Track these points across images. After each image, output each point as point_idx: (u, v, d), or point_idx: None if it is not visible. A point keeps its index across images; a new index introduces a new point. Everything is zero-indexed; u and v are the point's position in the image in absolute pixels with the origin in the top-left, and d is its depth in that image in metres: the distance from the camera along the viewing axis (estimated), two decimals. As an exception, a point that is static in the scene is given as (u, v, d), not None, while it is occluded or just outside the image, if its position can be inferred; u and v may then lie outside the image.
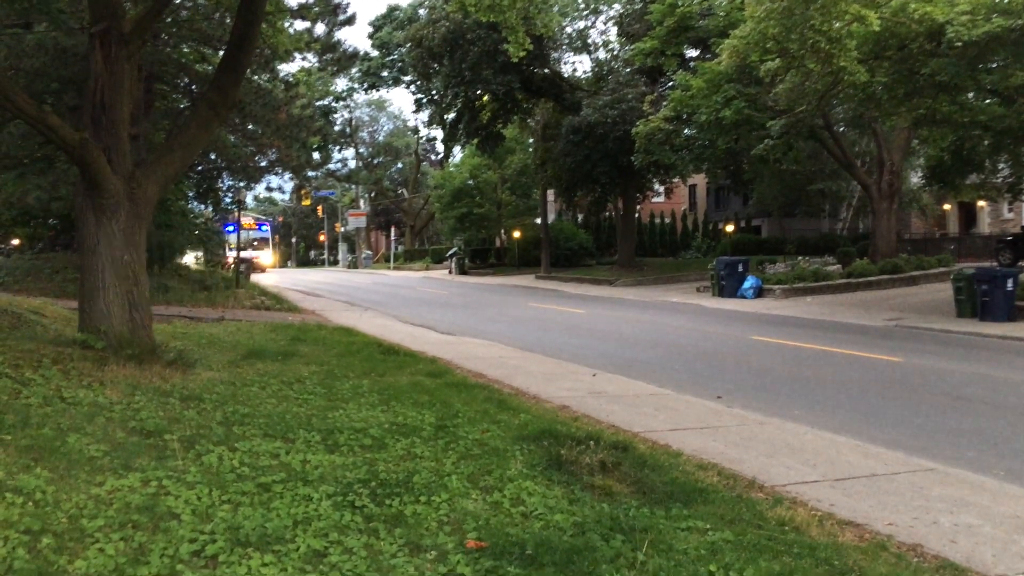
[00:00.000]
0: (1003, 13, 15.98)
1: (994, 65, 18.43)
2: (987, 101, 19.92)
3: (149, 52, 16.04)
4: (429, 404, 7.35)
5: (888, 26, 16.98)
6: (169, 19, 16.78)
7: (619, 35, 39.38)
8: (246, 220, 70.76)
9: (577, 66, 75.17)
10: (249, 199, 53.45)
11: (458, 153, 57.10)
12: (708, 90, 25.00)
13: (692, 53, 32.31)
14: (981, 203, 43.41)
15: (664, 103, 28.62)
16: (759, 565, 4.06)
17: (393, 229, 66.99)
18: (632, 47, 32.33)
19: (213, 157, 24.33)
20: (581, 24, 42.38)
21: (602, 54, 42.60)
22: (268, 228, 53.66)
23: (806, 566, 4.11)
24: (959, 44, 16.33)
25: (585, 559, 3.99)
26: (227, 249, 35.02)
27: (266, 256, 52.18)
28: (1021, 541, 4.72)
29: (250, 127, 23.14)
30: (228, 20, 17.84)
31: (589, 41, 42.60)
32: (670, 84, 31.92)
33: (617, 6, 40.21)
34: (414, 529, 4.27)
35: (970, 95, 19.75)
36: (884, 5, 16.46)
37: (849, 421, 8.22)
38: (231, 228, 34.04)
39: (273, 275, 43.91)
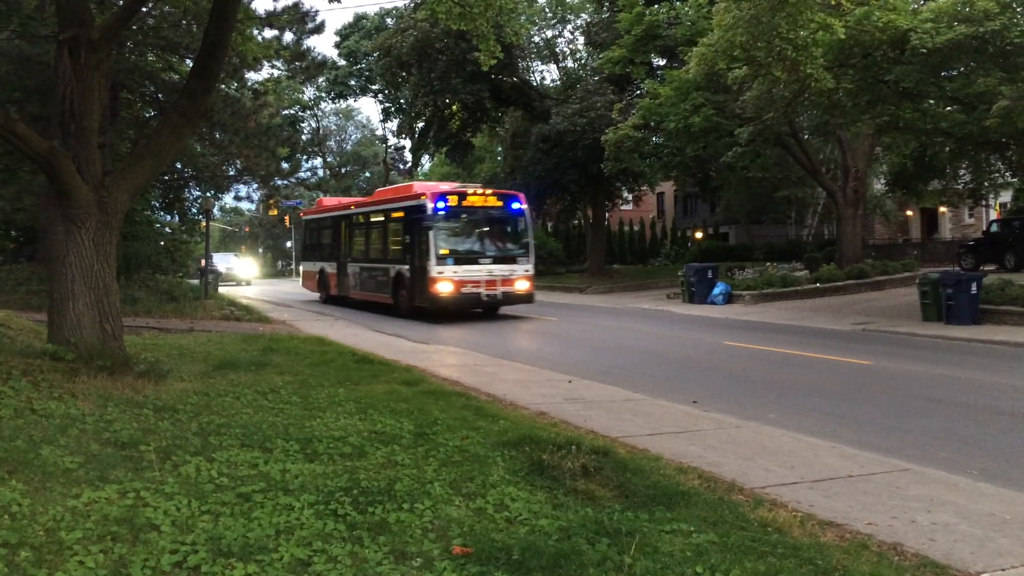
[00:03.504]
0: (965, 21, 16.31)
1: (956, 72, 18.81)
2: (949, 108, 20.31)
3: (115, 60, 15.82)
4: (407, 412, 7.31)
5: (853, 34, 17.25)
6: (135, 27, 16.58)
7: (587, 44, 39.64)
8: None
9: (546, 75, 75.47)
10: (216, 209, 52.70)
11: (427, 162, 57.09)
12: (676, 98, 25.24)
13: (660, 62, 32.60)
14: (943, 209, 44.24)
15: (633, 111, 28.83)
16: (744, 566, 4.08)
17: (362, 238, 66.63)
18: (600, 56, 32.55)
19: (180, 166, 24.03)
20: (549, 33, 42.62)
21: (570, 63, 42.86)
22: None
23: (791, 566, 4.14)
24: (923, 51, 16.65)
25: (572, 563, 3.98)
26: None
27: (246, 267, 49.78)
28: (997, 539, 4.79)
29: (218, 136, 22.90)
30: (196, 28, 17.67)
31: (557, 50, 42.84)
32: (638, 92, 32.20)
33: (584, 15, 40.50)
34: (398, 536, 4.23)
35: (932, 102, 20.12)
36: (849, 13, 16.72)
37: (823, 423, 8.31)
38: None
39: (254, 287, 43.05)
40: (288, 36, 23.49)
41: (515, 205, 20.17)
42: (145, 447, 5.48)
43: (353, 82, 52.62)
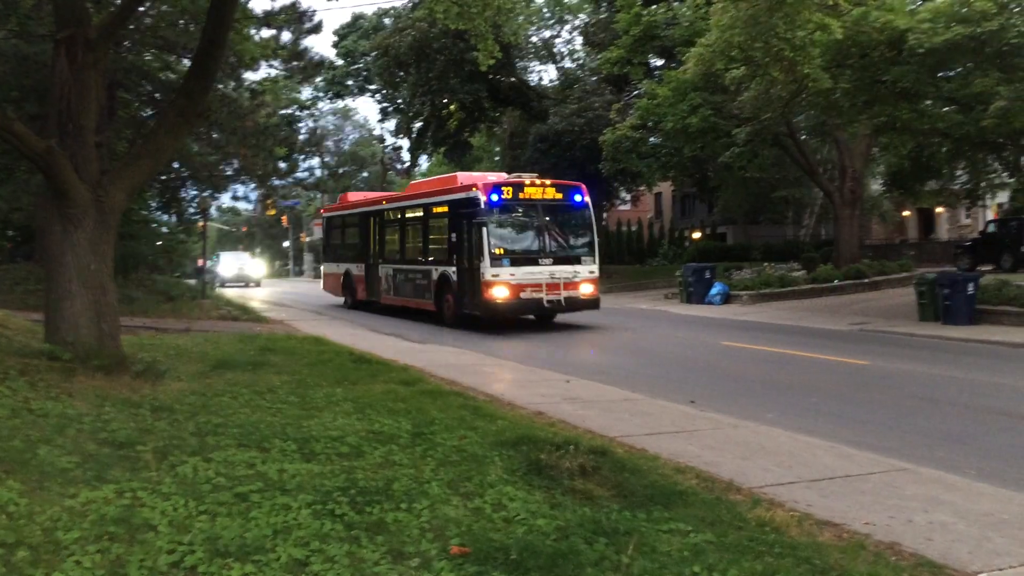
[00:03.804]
0: (962, 22, 16.33)
1: (953, 73, 18.84)
2: (946, 109, 20.34)
3: (112, 59, 15.82)
4: (405, 412, 7.30)
5: (850, 34, 17.28)
6: (133, 26, 16.57)
7: (585, 44, 39.66)
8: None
9: (543, 75, 75.57)
10: (213, 209, 52.49)
11: (425, 162, 57.08)
12: (674, 98, 25.28)
13: (658, 62, 32.63)
14: (939, 209, 44.33)
15: (631, 111, 28.88)
16: (742, 565, 4.09)
17: (359, 238, 66.57)
18: (598, 56, 32.57)
19: (177, 166, 24.02)
20: (547, 33, 42.65)
21: (568, 63, 42.89)
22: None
23: (788, 566, 4.14)
24: (920, 51, 16.67)
25: (570, 563, 3.98)
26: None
27: (255, 267, 46.25)
28: (995, 538, 4.79)
29: (215, 135, 22.90)
30: (193, 27, 17.67)
31: (555, 50, 42.86)
32: (636, 92, 32.23)
33: (583, 15, 40.52)
34: (396, 536, 4.23)
35: (929, 103, 20.15)
36: (847, 13, 16.75)
37: (821, 423, 8.31)
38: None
39: (263, 288, 41.11)
40: (286, 36, 23.53)
41: (577, 197, 17.64)
42: (142, 447, 5.47)
43: (351, 82, 52.53)
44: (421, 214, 19.88)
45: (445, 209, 18.43)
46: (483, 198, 16.53)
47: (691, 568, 4.02)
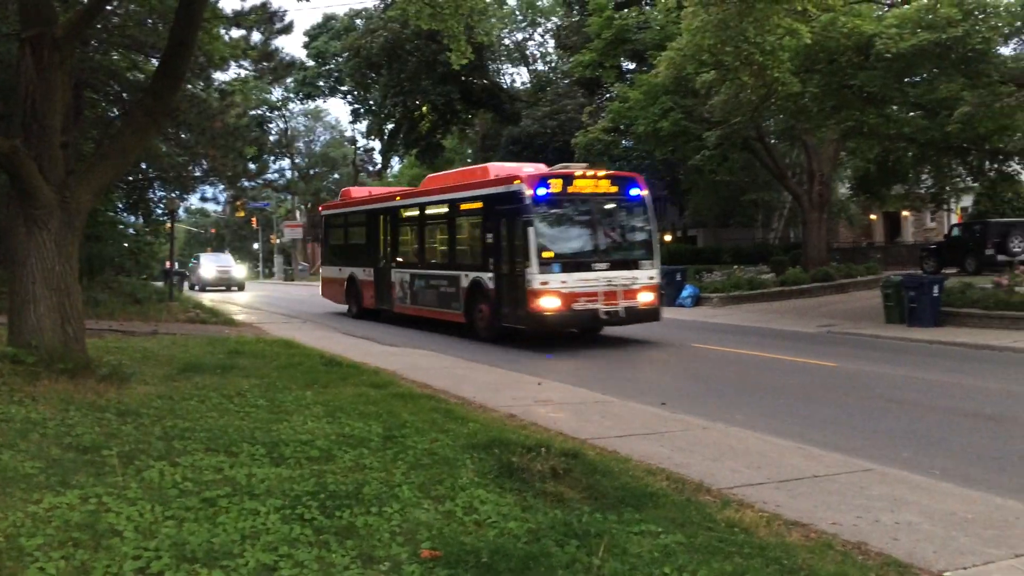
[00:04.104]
0: (928, 28, 16.61)
1: (919, 79, 19.14)
2: (912, 114, 20.66)
3: (78, 59, 15.59)
4: (376, 415, 7.26)
5: (819, 40, 17.50)
6: (100, 25, 16.34)
7: (557, 47, 39.79)
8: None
9: (516, 78, 75.67)
10: (181, 211, 51.74)
11: (397, 164, 56.91)
12: (646, 102, 25.43)
13: (630, 65, 32.82)
14: (905, 213, 44.99)
15: (603, 114, 28.99)
16: (712, 566, 4.11)
17: (331, 240, 66.13)
18: (570, 59, 32.69)
19: (144, 166, 23.71)
20: (520, 36, 42.72)
21: (541, 66, 43.00)
22: None
23: (757, 566, 4.17)
24: (887, 57, 16.92)
25: (541, 565, 3.98)
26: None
27: (239, 269, 42.50)
28: (960, 538, 4.87)
29: (184, 136, 22.64)
30: (161, 27, 17.46)
31: (528, 53, 42.95)
32: (608, 96, 32.39)
33: (555, 19, 40.65)
34: (366, 540, 4.20)
35: (895, 108, 20.45)
36: (815, 19, 16.95)
37: (790, 424, 8.40)
38: None
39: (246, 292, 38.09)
40: (256, 36, 23.31)
41: (634, 190, 15.37)
42: (107, 452, 5.40)
43: (322, 83, 52.29)
44: (446, 211, 17.34)
45: (478, 205, 16.02)
46: (528, 192, 14.17)
47: (661, 569, 4.03)
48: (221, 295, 33.86)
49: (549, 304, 13.97)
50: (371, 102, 44.03)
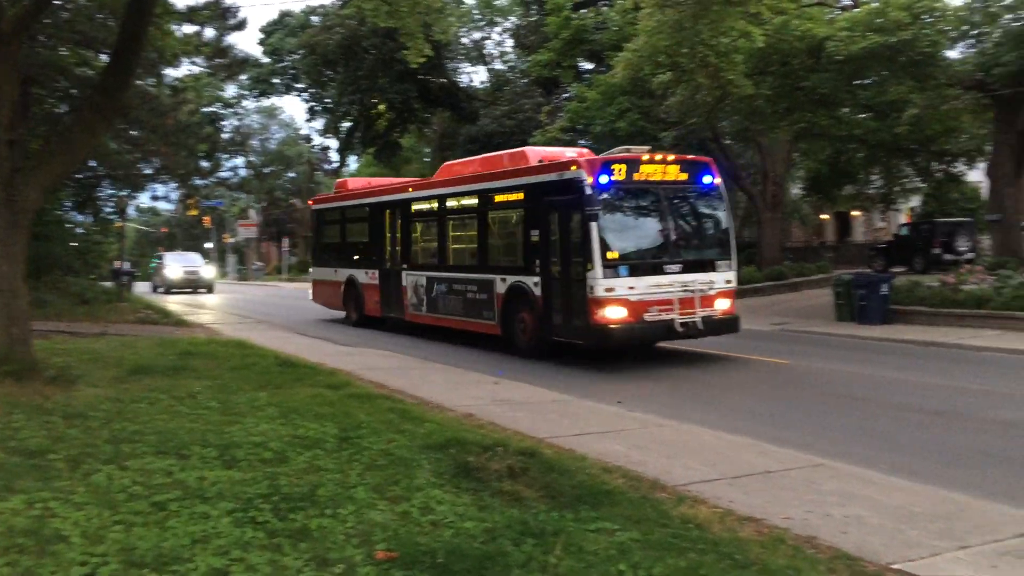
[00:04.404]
0: (878, 31, 16.95)
1: (869, 81, 19.54)
2: (862, 116, 21.08)
3: (26, 54, 15.20)
4: (331, 416, 7.19)
5: (772, 42, 17.77)
6: (48, 20, 15.94)
7: (516, 46, 39.83)
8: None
9: (474, 77, 75.63)
10: (131, 209, 50.65)
11: (354, 162, 56.48)
12: (603, 102, 25.60)
13: (588, 66, 32.99)
14: (856, 213, 45.92)
15: (560, 114, 29.10)
16: (666, 562, 4.14)
17: (286, 240, 65.44)
18: (529, 58, 32.76)
19: (94, 164, 23.22)
20: (477, 35, 42.67)
21: (499, 65, 43.00)
22: None
23: (710, 561, 4.21)
24: (838, 59, 17.24)
25: (497, 564, 3.98)
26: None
27: (207, 269, 38.58)
28: (907, 531, 4.97)
29: (134, 133, 22.21)
30: (111, 22, 17.10)
31: (485, 52, 42.92)
32: (566, 95, 32.53)
33: (513, 18, 40.69)
34: (320, 543, 4.16)
35: (847, 110, 20.85)
36: (769, 22, 17.20)
37: (744, 421, 8.50)
38: None
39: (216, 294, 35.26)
40: (209, 32, 22.98)
41: (707, 178, 13.10)
42: (54, 455, 5.27)
43: (277, 80, 51.67)
44: (474, 204, 14.89)
45: (518, 197, 13.70)
46: (588, 181, 11.82)
47: (617, 566, 4.05)
48: (189, 297, 32.11)
49: (616, 314, 11.74)
50: (327, 100, 43.65)
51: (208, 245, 75.18)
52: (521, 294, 13.37)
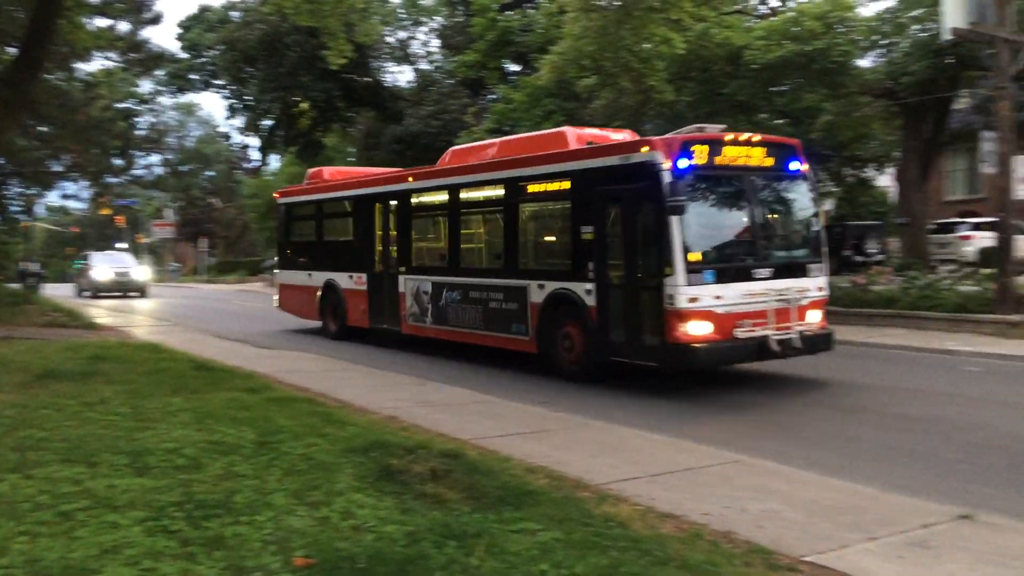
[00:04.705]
0: (794, 39, 17.51)
1: (785, 88, 20.16)
2: (778, 121, 21.71)
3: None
4: (249, 420, 7.02)
5: (693, 49, 18.16)
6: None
7: (443, 47, 39.71)
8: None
9: (399, 76, 75.18)
10: (40, 208, 48.58)
11: (275, 161, 55.43)
12: (529, 104, 25.72)
13: (514, 67, 33.12)
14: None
15: (486, 115, 29.14)
16: (588, 561, 4.17)
17: (204, 240, 63.80)
18: (455, 59, 32.71)
19: (0, 161, 22.22)
20: (403, 35, 42.36)
21: (425, 65, 42.78)
22: None
23: (631, 558, 4.26)
24: (756, 67, 17.74)
25: (419, 568, 3.94)
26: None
27: (140, 270, 34.58)
28: (820, 524, 5.12)
29: (44, 129, 21.34)
30: (20, 14, 16.39)
31: (411, 51, 42.66)
32: (493, 97, 32.60)
33: (439, 18, 40.55)
34: (235, 551, 4.05)
35: (764, 115, 21.44)
36: (690, 29, 17.58)
37: (665, 420, 8.64)
38: None
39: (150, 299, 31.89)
40: (123, 26, 22.26)
41: (794, 165, 10.98)
42: (-50, 466, 5.00)
43: (195, 76, 50.31)
44: (500, 194, 12.51)
45: (562, 186, 11.36)
46: (666, 165, 9.59)
47: (539, 567, 4.06)
48: (120, 302, 29.24)
49: (700, 330, 9.58)
50: (248, 97, 42.69)
51: (122, 245, 72.77)
52: (565, 303, 11.06)
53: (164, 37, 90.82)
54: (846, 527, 5.05)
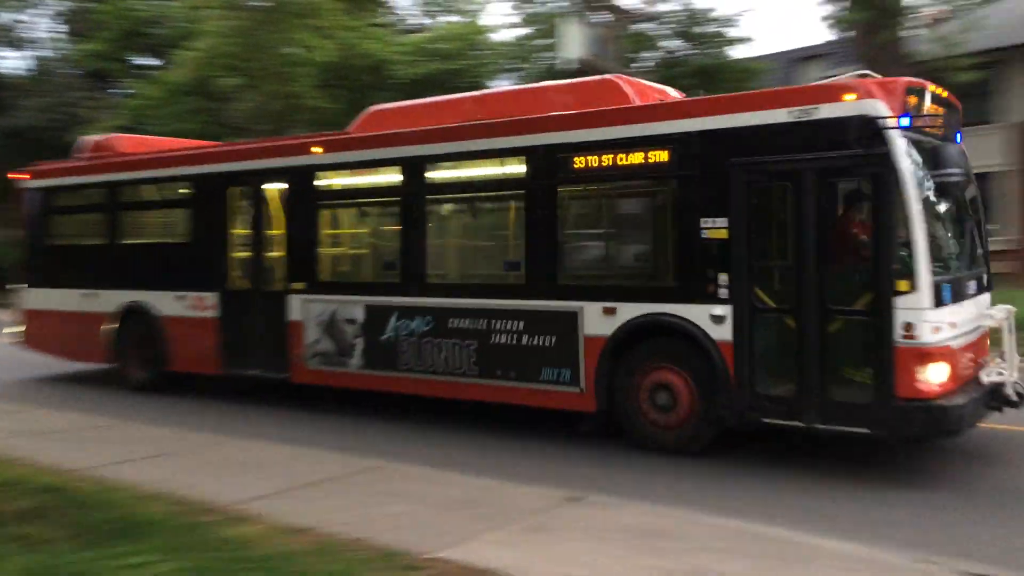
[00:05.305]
0: (440, 57, 18.51)
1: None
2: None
3: None
4: None
5: (343, 58, 18.32)
6: None
7: (70, 33, 35.63)
8: None
9: (10, 63, 65.97)
10: None
11: None
12: (168, 100, 24.13)
13: (152, 61, 30.72)
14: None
15: (113, 110, 26.76)
16: (210, 588, 3.92)
17: None
18: (79, 48, 29.58)
19: None
20: (13, 15, 37.26)
21: (49, 52, 38.00)
22: None
23: (257, 580, 4.08)
24: (405, 80, 18.45)
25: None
26: None
27: None
28: (449, 519, 5.34)
29: None
30: None
31: (24, 36, 37.66)
32: (131, 91, 30.01)
33: (66, 1, 36.40)
34: None
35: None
36: (335, 37, 17.68)
37: (307, 433, 8.41)
38: None
39: None
40: None
41: (960, 136, 7.57)
42: None
43: None
44: (521, 172, 8.26)
45: (659, 158, 7.46)
46: (891, 123, 6.29)
47: (155, 601, 3.73)
48: None
49: (943, 375, 6.36)
50: None
51: None
52: (659, 336, 7.44)
53: None
54: (471, 519, 5.31)
